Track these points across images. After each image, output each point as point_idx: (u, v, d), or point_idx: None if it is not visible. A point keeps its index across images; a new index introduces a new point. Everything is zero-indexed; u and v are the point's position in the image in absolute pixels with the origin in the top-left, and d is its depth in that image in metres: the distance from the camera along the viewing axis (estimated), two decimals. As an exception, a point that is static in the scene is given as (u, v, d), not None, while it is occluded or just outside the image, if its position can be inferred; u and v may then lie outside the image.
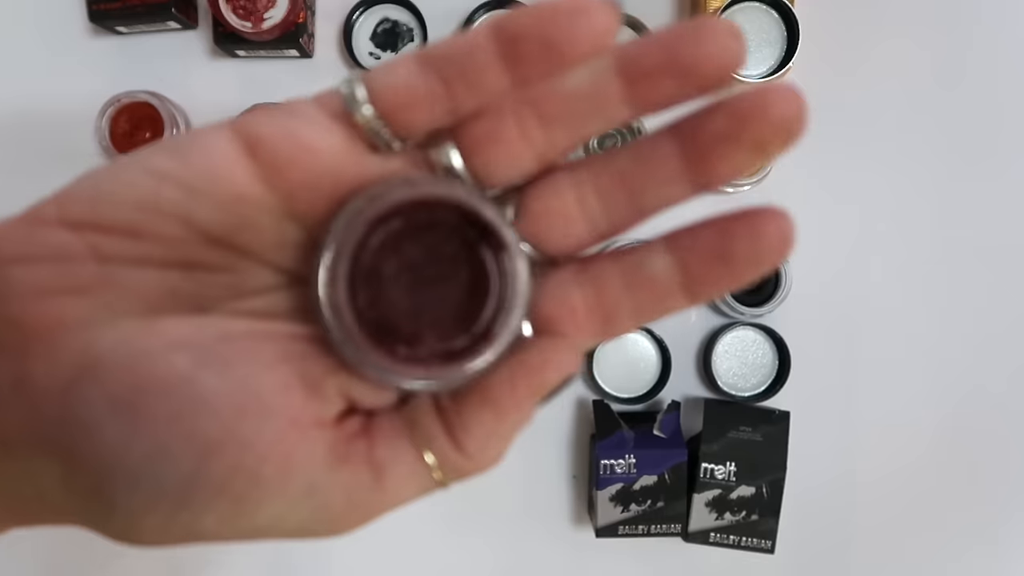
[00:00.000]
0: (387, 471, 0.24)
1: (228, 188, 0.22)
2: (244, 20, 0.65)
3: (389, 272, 0.24)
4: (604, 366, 0.69)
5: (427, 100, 0.22)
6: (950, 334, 0.71)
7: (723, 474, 0.66)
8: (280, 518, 0.23)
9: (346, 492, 0.23)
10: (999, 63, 0.71)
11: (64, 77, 0.69)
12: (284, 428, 0.22)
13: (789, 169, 0.69)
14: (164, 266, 0.23)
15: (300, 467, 0.23)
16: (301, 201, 0.23)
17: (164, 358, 0.22)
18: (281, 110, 0.23)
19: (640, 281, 0.24)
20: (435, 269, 0.24)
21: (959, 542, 0.72)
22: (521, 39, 0.21)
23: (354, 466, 0.23)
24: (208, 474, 0.22)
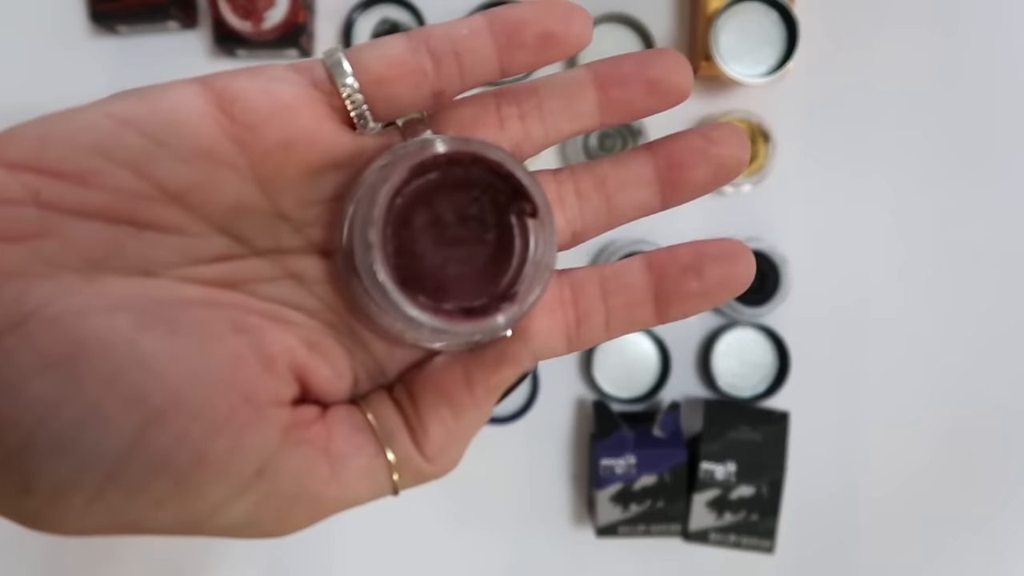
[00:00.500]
0: (344, 463, 0.22)
1: (194, 141, 0.21)
2: (244, 20, 0.65)
3: (419, 223, 0.23)
4: (604, 366, 0.69)
5: (415, 76, 0.23)
6: (950, 334, 0.71)
7: (723, 474, 0.66)
8: (223, 505, 0.21)
9: (298, 480, 0.22)
10: (999, 63, 0.71)
11: (64, 77, 0.69)
12: (237, 402, 0.21)
13: (789, 168, 0.70)
14: (112, 220, 0.21)
15: (252, 446, 0.21)
16: (272, 164, 0.22)
17: (105, 317, 0.20)
18: (260, 70, 0.23)
19: (616, 288, 0.25)
20: (464, 226, 0.24)
21: (959, 542, 0.72)
22: (522, 26, 0.23)
23: (310, 452, 0.22)
24: (148, 446, 0.20)
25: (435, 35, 0.23)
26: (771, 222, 0.70)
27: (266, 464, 0.21)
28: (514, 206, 0.24)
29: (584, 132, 0.25)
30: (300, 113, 0.22)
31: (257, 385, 0.21)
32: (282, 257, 0.24)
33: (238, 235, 0.23)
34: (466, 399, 0.24)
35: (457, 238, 0.23)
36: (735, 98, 0.70)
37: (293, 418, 0.22)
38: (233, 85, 0.22)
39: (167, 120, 0.21)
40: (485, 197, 0.24)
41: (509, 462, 0.71)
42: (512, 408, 0.69)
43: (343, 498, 0.23)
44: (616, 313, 0.25)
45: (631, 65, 0.24)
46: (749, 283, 0.25)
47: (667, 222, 0.70)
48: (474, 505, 0.71)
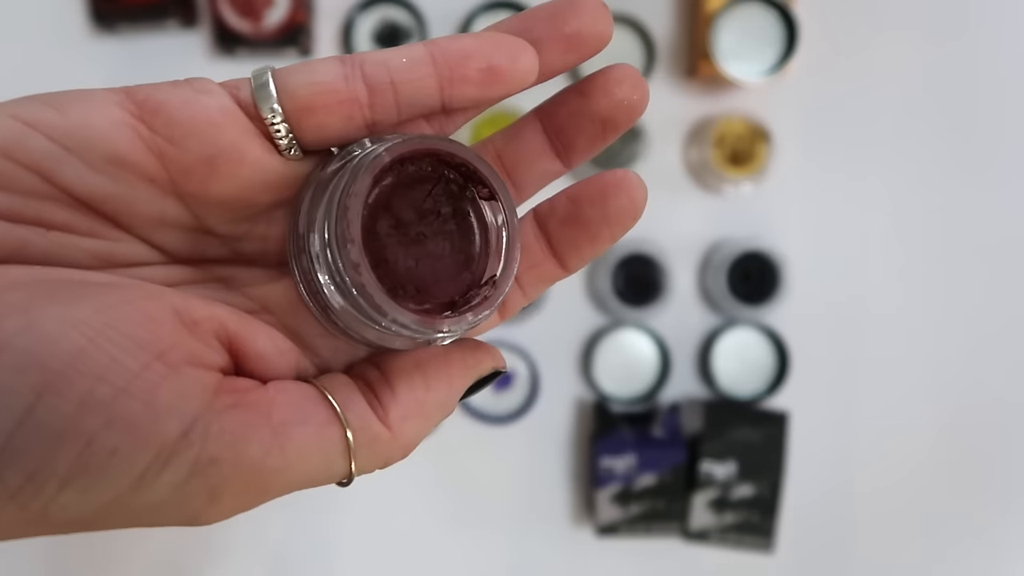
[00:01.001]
0: (289, 430, 0.20)
1: (104, 150, 0.20)
2: (243, 19, 0.65)
3: (383, 229, 0.22)
4: (604, 367, 0.69)
5: (346, 106, 0.21)
6: (948, 333, 0.71)
7: (723, 474, 0.66)
8: (148, 476, 0.18)
9: (233, 445, 0.19)
10: (999, 63, 0.71)
11: (64, 77, 0.69)
12: (147, 360, 0.19)
13: (788, 168, 0.70)
14: (15, 219, 0.20)
15: (170, 404, 0.19)
16: (195, 180, 0.21)
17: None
18: (187, 82, 0.22)
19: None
20: (425, 222, 0.23)
21: (958, 542, 0.72)
22: (466, 58, 0.21)
23: (246, 416, 0.20)
24: (47, 412, 0.18)
25: (371, 62, 0.21)
26: (771, 222, 0.70)
27: (192, 426, 0.19)
28: (469, 192, 0.23)
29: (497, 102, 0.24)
30: (225, 129, 0.21)
31: (174, 344, 0.19)
32: (208, 265, 0.23)
33: (160, 245, 0.22)
34: (442, 374, 0.23)
35: (421, 235, 0.23)
36: (735, 98, 0.70)
37: (224, 383, 0.20)
38: (156, 96, 0.21)
39: (78, 126, 0.20)
40: (439, 189, 0.23)
41: (509, 462, 0.71)
42: (512, 408, 0.69)
43: (289, 473, 0.20)
44: (526, 275, 0.25)
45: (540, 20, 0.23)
46: (639, 210, 0.24)
47: (668, 221, 0.70)
48: (474, 505, 0.71)
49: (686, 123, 0.70)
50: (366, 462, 0.22)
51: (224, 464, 0.19)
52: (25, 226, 0.20)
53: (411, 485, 0.70)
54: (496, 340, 0.68)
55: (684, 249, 0.70)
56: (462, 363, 0.23)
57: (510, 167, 0.25)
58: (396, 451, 0.22)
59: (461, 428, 0.69)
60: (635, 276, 0.68)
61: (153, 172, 0.21)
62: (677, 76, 0.70)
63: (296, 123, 0.21)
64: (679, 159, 0.71)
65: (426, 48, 0.22)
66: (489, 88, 0.22)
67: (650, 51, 0.68)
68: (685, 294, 0.71)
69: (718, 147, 0.68)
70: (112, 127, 0.20)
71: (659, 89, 0.70)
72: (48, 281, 0.20)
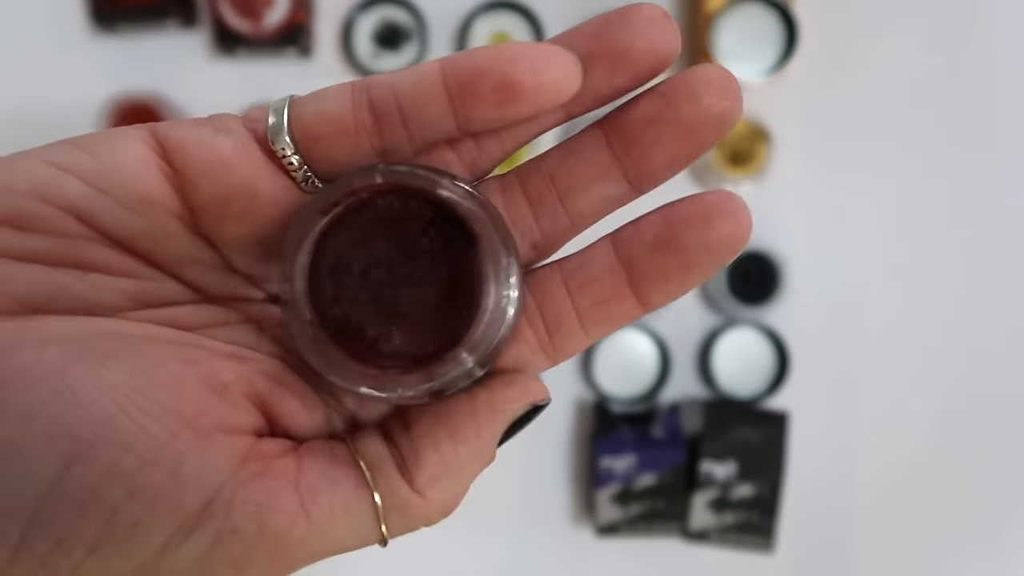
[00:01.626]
0: (317, 498, 0.20)
1: (134, 188, 0.20)
2: (243, 17, 0.65)
3: (357, 268, 0.21)
4: (603, 367, 0.69)
5: (352, 135, 0.20)
6: (950, 333, 0.71)
7: (723, 474, 0.66)
8: (170, 547, 0.18)
9: (258, 516, 0.19)
10: (999, 61, 0.71)
11: (64, 77, 0.69)
12: (176, 428, 0.19)
13: (788, 168, 0.70)
14: (54, 263, 0.20)
15: (195, 475, 0.18)
16: (210, 219, 0.21)
17: (34, 351, 0.19)
18: (208, 120, 0.21)
19: (583, 283, 0.21)
20: (408, 266, 0.21)
21: (959, 542, 0.72)
22: (478, 75, 0.19)
23: (272, 485, 0.19)
24: (74, 482, 0.18)
25: (378, 85, 0.20)
26: (771, 222, 0.70)
27: (216, 496, 0.19)
28: (463, 238, 0.21)
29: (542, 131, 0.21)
30: (237, 170, 0.20)
31: (203, 411, 0.19)
32: (240, 304, 0.23)
33: (192, 283, 0.22)
34: (468, 425, 0.21)
35: (400, 278, 0.21)
36: (735, 98, 0.70)
37: (253, 448, 0.20)
38: (174, 133, 0.21)
39: (108, 166, 0.20)
40: (432, 230, 0.21)
41: (509, 462, 0.71)
42: (512, 408, 0.69)
43: (316, 541, 0.20)
44: (589, 313, 0.22)
45: (584, 37, 0.20)
46: (745, 240, 0.21)
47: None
48: (474, 505, 0.71)
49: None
50: (398, 526, 0.21)
51: (247, 535, 0.19)
52: (63, 270, 0.20)
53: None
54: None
55: (684, 249, 0.70)
56: (490, 408, 0.21)
57: (563, 191, 0.22)
58: (434, 514, 0.21)
59: (461, 428, 0.69)
60: (635, 276, 0.68)
61: (178, 209, 0.21)
62: (677, 76, 0.70)
63: (307, 154, 0.21)
64: (679, 159, 0.70)
65: (440, 66, 0.20)
66: (508, 107, 0.19)
67: (650, 51, 0.68)
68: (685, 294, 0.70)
69: (718, 147, 0.68)
70: (140, 165, 0.20)
71: (659, 89, 0.70)
72: (84, 337, 0.19)
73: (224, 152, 0.20)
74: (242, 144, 0.21)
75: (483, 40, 0.69)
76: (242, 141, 0.21)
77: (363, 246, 0.21)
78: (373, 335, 0.21)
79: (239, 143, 0.21)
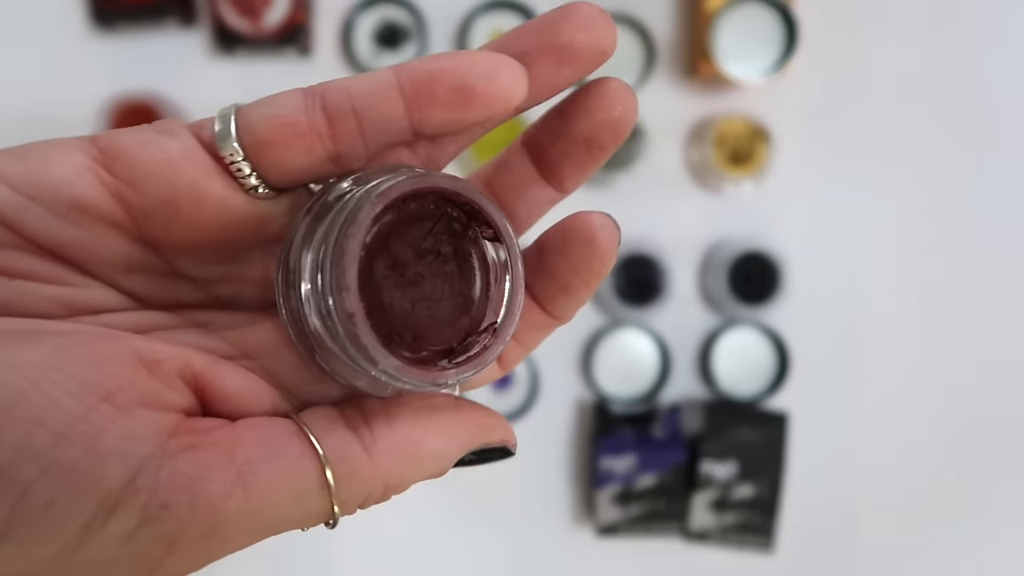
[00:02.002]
0: (256, 467, 0.19)
1: (66, 195, 0.20)
2: (242, 16, 0.65)
3: (380, 271, 0.21)
4: (604, 367, 0.69)
5: (304, 138, 0.20)
6: (950, 333, 0.71)
7: (723, 474, 0.66)
8: (92, 528, 0.17)
9: (190, 490, 0.18)
10: (999, 60, 0.71)
11: (64, 77, 0.69)
12: (92, 402, 0.18)
13: (788, 168, 0.70)
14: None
15: (115, 449, 0.17)
16: (157, 223, 0.21)
17: None
18: (151, 125, 0.21)
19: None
20: (425, 264, 0.22)
21: (959, 541, 0.72)
22: (434, 79, 0.20)
23: (205, 456, 0.18)
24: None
25: (332, 90, 0.20)
26: (771, 222, 0.70)
27: (140, 471, 0.17)
28: (472, 232, 0.22)
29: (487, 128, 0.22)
30: (184, 170, 0.20)
31: (125, 385, 0.18)
32: (184, 310, 0.23)
33: (132, 291, 0.22)
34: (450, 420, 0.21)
35: (419, 276, 0.21)
36: (735, 98, 0.70)
37: (183, 424, 0.19)
38: (118, 141, 0.20)
39: (40, 174, 0.20)
40: (440, 227, 0.22)
41: (509, 462, 0.70)
42: (512, 408, 0.69)
43: (256, 514, 0.18)
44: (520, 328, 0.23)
45: (531, 34, 0.21)
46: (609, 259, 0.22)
47: (668, 221, 0.70)
48: (474, 505, 0.71)
49: (686, 123, 0.70)
50: (348, 497, 0.20)
51: (178, 509, 0.18)
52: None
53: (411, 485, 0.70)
54: (496, 340, 0.68)
55: (684, 249, 0.70)
56: (473, 421, 0.21)
57: (501, 197, 0.24)
58: (376, 486, 0.20)
59: (461, 428, 0.69)
60: (635, 276, 0.68)
61: (117, 217, 0.20)
62: (677, 76, 0.70)
63: (256, 159, 0.20)
64: (679, 159, 0.71)
65: (393, 72, 0.20)
66: (463, 110, 0.20)
67: (650, 51, 0.68)
68: (685, 294, 0.70)
69: (718, 147, 0.68)
70: (74, 173, 0.20)
71: (659, 89, 0.70)
72: (4, 328, 0.19)
73: (171, 152, 0.20)
74: (189, 146, 0.20)
75: (483, 39, 0.69)
76: (188, 143, 0.21)
77: (384, 249, 0.21)
78: (408, 337, 0.21)
79: (185, 145, 0.20)
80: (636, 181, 0.69)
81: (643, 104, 0.72)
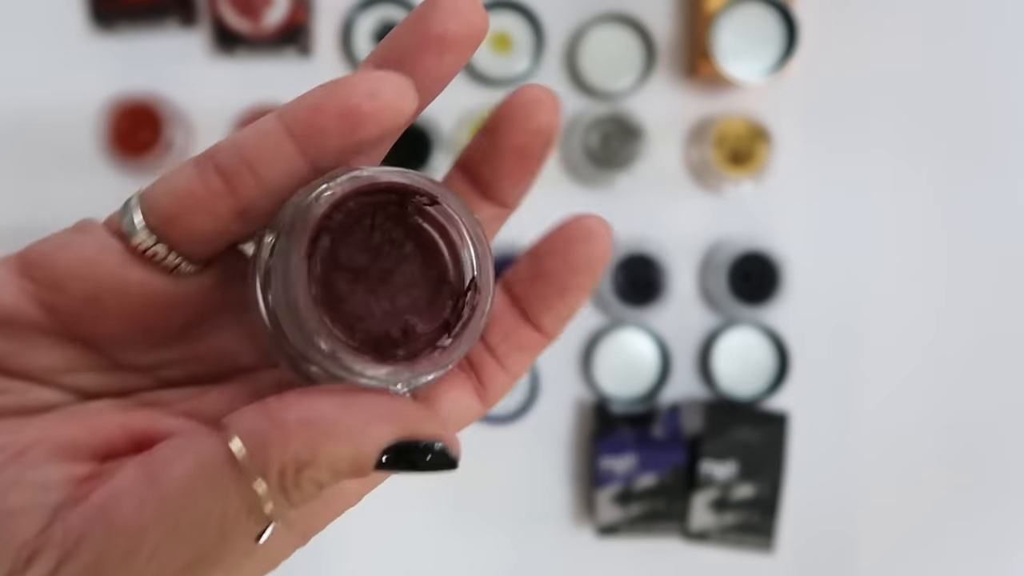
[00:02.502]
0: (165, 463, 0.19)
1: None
2: (242, 17, 0.65)
3: (344, 288, 0.21)
4: (604, 367, 0.69)
5: (206, 203, 0.20)
6: (950, 333, 0.71)
7: (723, 474, 0.66)
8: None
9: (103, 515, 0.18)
10: (999, 62, 0.71)
11: (64, 77, 0.69)
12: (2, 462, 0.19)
13: (788, 168, 0.70)
14: None
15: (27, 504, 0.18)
16: (87, 319, 0.21)
17: None
18: (70, 227, 0.21)
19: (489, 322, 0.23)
20: (384, 257, 0.21)
21: (959, 541, 0.72)
22: (316, 112, 0.20)
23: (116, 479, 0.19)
24: None
25: (222, 149, 0.20)
26: (771, 222, 0.70)
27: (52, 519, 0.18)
28: (409, 207, 0.21)
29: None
30: (102, 265, 0.20)
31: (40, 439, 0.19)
32: (133, 394, 0.23)
33: (74, 388, 0.22)
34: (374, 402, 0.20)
35: (385, 272, 0.21)
36: (735, 98, 0.70)
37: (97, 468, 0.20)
38: (39, 247, 0.21)
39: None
40: (379, 219, 0.21)
41: (510, 462, 0.71)
42: (512, 408, 0.69)
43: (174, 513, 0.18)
44: (501, 347, 0.23)
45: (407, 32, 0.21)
46: (606, 255, 0.22)
47: (668, 221, 0.70)
48: (474, 505, 0.71)
49: (686, 123, 0.70)
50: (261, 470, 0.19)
51: (94, 538, 0.18)
52: None
53: (411, 485, 0.70)
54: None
55: (684, 249, 0.70)
56: (401, 408, 0.20)
57: None
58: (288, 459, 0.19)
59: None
60: (635, 276, 0.68)
61: (47, 323, 0.21)
62: (677, 76, 0.70)
63: (168, 238, 0.20)
64: (679, 159, 0.71)
65: (277, 116, 0.20)
66: (355, 133, 0.20)
67: (650, 51, 0.68)
68: (685, 294, 0.70)
69: (718, 147, 0.68)
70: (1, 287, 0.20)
71: (659, 89, 0.70)
72: None
73: (86, 250, 0.20)
74: (103, 241, 0.21)
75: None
76: (102, 238, 0.21)
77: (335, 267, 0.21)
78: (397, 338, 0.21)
79: (100, 240, 0.21)
80: (636, 181, 0.69)
81: (643, 104, 0.72)
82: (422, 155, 0.65)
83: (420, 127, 0.66)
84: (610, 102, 0.69)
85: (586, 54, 0.68)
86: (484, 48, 0.68)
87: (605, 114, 0.67)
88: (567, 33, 0.69)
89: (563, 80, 0.70)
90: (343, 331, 0.20)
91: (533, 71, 0.68)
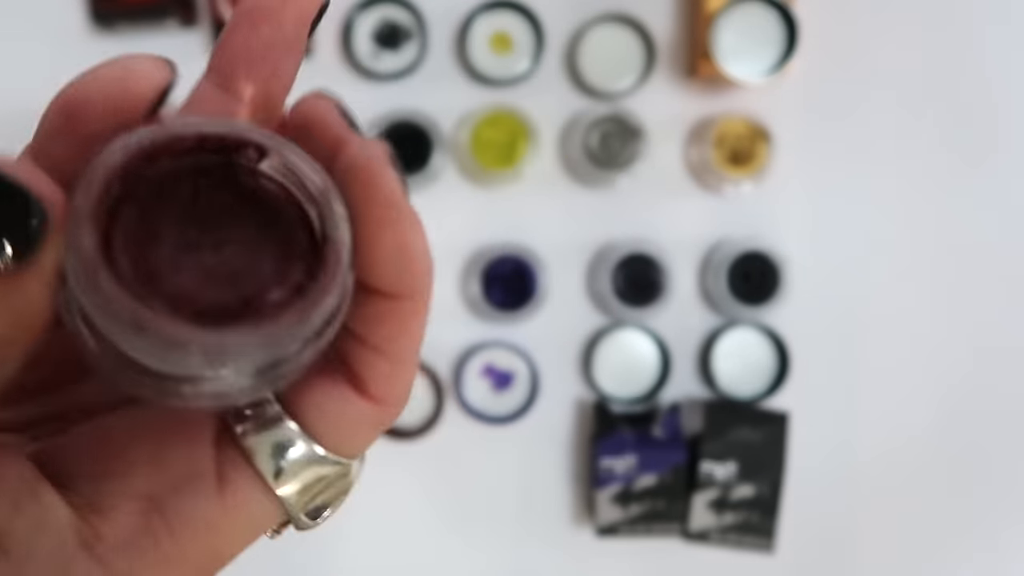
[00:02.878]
0: None
1: None
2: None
3: (189, 270, 0.18)
4: (603, 367, 0.69)
5: None
6: (951, 333, 0.71)
7: (723, 474, 0.66)
8: None
9: None
10: (999, 62, 0.71)
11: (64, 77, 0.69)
12: None
13: (788, 168, 0.69)
14: None
15: None
16: None
17: None
18: None
19: None
20: (218, 223, 0.19)
21: (960, 541, 0.72)
22: (83, 102, 0.20)
23: None
24: None
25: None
26: (771, 222, 0.70)
27: None
28: (234, 160, 0.19)
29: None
30: None
31: None
32: None
33: None
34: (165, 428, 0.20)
35: (220, 240, 0.19)
36: (735, 98, 0.70)
37: None
38: None
39: None
40: (202, 184, 0.19)
41: (509, 462, 0.71)
42: (512, 408, 0.69)
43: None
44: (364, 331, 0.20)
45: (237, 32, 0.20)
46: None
47: (668, 221, 0.70)
48: (474, 505, 0.71)
49: (686, 123, 0.70)
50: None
51: None
52: None
53: (411, 485, 0.70)
54: (498, 340, 0.68)
55: (684, 249, 0.70)
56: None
57: None
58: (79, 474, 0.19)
59: (461, 428, 0.69)
60: (635, 276, 0.68)
61: None
62: (677, 76, 0.70)
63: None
64: (679, 159, 0.70)
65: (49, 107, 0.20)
66: (116, 118, 0.20)
67: (650, 51, 0.68)
68: (685, 294, 0.70)
69: (718, 147, 0.68)
70: None
71: (659, 89, 0.70)
72: None
73: None
74: None
75: (483, 39, 0.69)
76: None
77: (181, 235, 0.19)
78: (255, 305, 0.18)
79: None
80: (636, 181, 0.69)
81: (643, 104, 0.72)
82: (422, 155, 0.65)
83: (420, 127, 0.66)
84: (610, 102, 0.69)
85: (586, 54, 0.68)
86: (484, 48, 0.68)
87: (605, 114, 0.67)
88: (567, 33, 0.69)
89: (563, 80, 0.70)
90: (168, 311, 0.17)
91: (533, 71, 0.68)
